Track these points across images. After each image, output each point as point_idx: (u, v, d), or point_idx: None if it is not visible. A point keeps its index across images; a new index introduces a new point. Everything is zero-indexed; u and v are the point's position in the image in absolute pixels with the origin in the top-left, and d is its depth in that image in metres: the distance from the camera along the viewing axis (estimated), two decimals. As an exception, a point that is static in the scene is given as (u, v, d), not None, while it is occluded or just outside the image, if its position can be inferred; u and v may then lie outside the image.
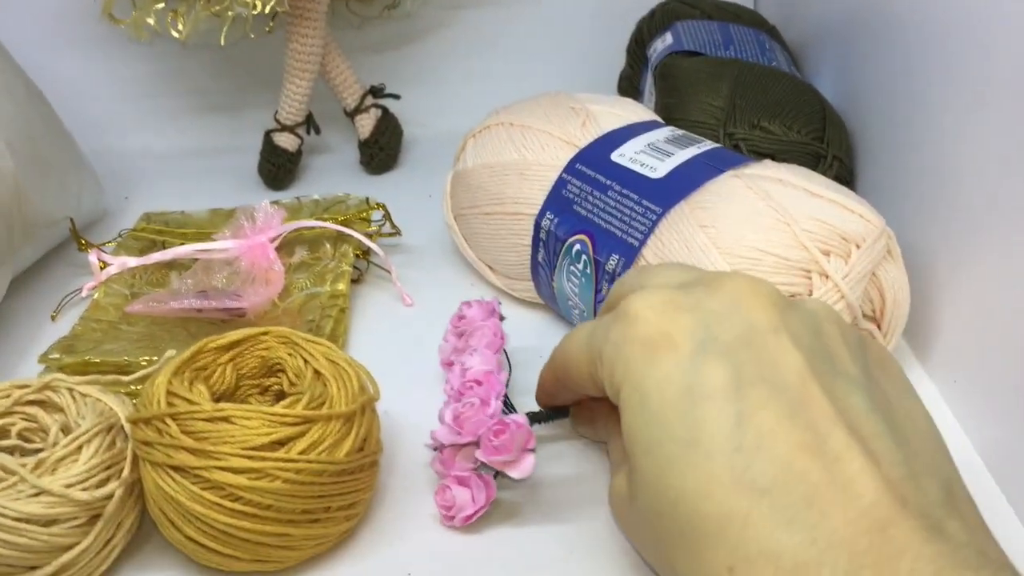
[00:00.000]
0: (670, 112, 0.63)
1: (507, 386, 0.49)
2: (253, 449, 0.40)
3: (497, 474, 0.45)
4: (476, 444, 0.44)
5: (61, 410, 0.45)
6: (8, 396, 0.44)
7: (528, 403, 0.51)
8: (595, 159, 0.54)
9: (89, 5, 0.75)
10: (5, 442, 0.43)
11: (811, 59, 0.73)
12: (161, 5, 0.67)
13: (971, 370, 0.48)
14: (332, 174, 0.79)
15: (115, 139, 0.81)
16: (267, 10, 0.65)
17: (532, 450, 0.44)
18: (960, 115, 0.49)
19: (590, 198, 0.53)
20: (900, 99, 0.56)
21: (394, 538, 0.45)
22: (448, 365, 0.53)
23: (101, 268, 0.60)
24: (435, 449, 0.47)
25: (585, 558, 0.43)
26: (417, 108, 0.82)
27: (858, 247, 0.47)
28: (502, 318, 0.53)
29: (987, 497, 0.44)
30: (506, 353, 0.52)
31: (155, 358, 0.52)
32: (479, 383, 0.46)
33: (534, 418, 0.47)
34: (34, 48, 0.71)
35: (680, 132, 0.56)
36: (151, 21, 0.68)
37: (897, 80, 0.57)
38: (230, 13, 0.66)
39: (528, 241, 0.56)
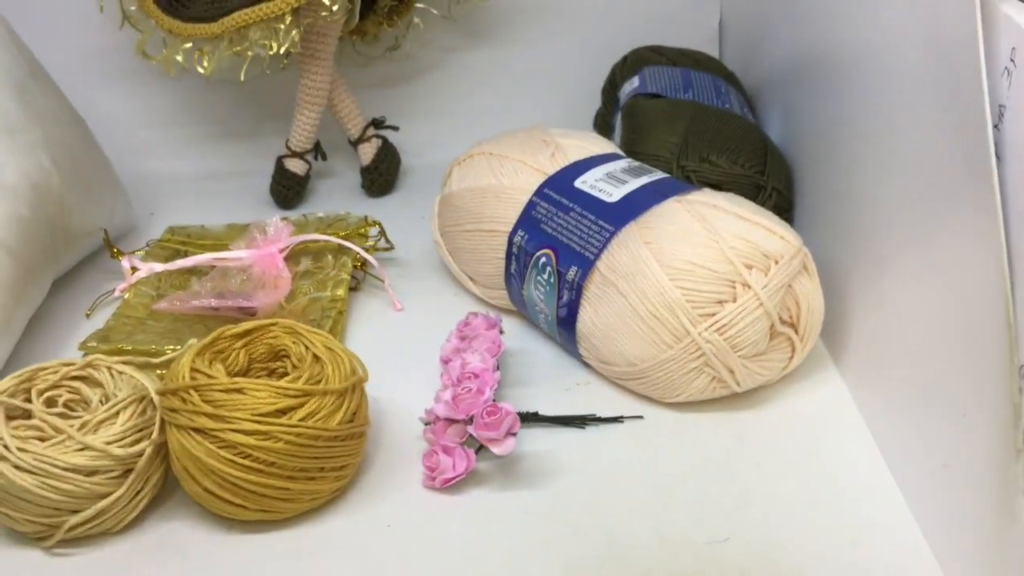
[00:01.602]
0: (632, 146, 0.72)
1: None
2: (261, 415, 0.48)
3: (479, 450, 0.53)
4: (467, 422, 0.53)
5: (101, 385, 0.53)
6: (56, 372, 0.53)
7: (507, 395, 0.59)
8: (561, 185, 0.63)
9: (124, 42, 0.85)
10: (53, 410, 0.52)
11: (764, 103, 0.82)
12: (189, 45, 0.77)
13: (873, 370, 0.56)
14: (336, 196, 0.88)
15: (143, 162, 0.90)
16: (282, 51, 0.74)
17: (514, 434, 0.52)
18: (872, 153, 0.57)
19: (555, 218, 0.62)
20: (832, 139, 0.65)
21: (378, 498, 0.53)
22: (446, 362, 0.61)
23: (132, 272, 0.68)
24: (427, 424, 0.55)
25: (537, 517, 0.51)
26: (414, 139, 0.91)
27: (776, 263, 0.56)
28: (501, 332, 0.62)
29: (881, 486, 0.52)
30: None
31: (178, 347, 0.60)
32: (476, 376, 0.55)
33: (524, 417, 0.55)
34: (74, 79, 0.80)
35: (636, 163, 0.65)
36: (179, 58, 0.77)
37: (830, 122, 0.65)
38: (250, 53, 0.75)
39: (502, 255, 0.65)
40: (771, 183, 0.69)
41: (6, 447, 0.48)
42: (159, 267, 0.69)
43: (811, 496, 0.51)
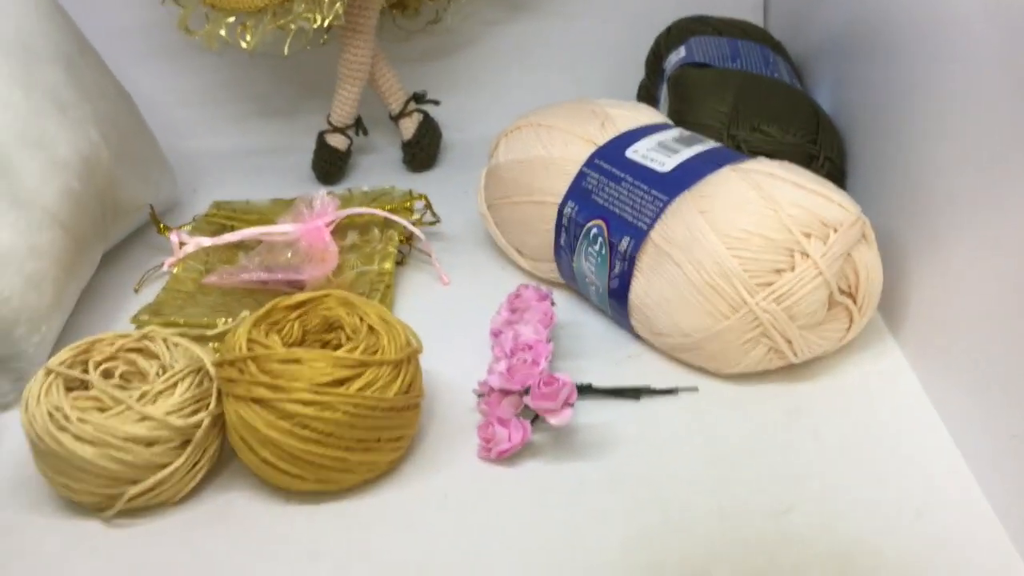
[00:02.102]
0: (681, 116, 0.71)
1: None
2: (319, 386, 0.48)
3: (535, 419, 0.53)
4: (522, 393, 0.52)
5: (157, 357, 0.53)
6: (113, 344, 0.53)
7: (557, 369, 0.59)
8: (611, 155, 0.62)
9: (165, 18, 0.85)
10: (110, 381, 0.52)
11: (813, 72, 0.80)
12: (232, 19, 0.76)
13: (935, 341, 0.55)
14: (377, 171, 0.88)
15: (185, 140, 0.90)
16: (326, 24, 0.74)
17: (571, 405, 0.51)
18: (932, 122, 0.56)
19: (606, 188, 0.61)
20: (886, 107, 0.63)
21: (433, 470, 0.53)
22: (496, 334, 0.60)
23: (180, 247, 0.68)
24: (480, 395, 0.55)
25: (594, 488, 0.51)
26: (455, 114, 0.90)
27: (835, 231, 0.55)
28: (553, 303, 0.61)
29: (946, 458, 0.51)
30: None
31: (230, 320, 0.60)
32: (530, 347, 0.54)
33: (578, 389, 0.54)
34: (116, 57, 0.80)
35: (687, 133, 0.64)
36: (222, 33, 0.77)
37: (884, 90, 0.64)
38: (293, 26, 0.75)
39: (552, 227, 0.64)
40: (823, 152, 0.68)
41: (66, 418, 0.48)
42: (207, 241, 0.69)
43: (873, 468, 0.51)
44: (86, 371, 0.52)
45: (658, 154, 0.61)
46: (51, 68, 0.64)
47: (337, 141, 0.85)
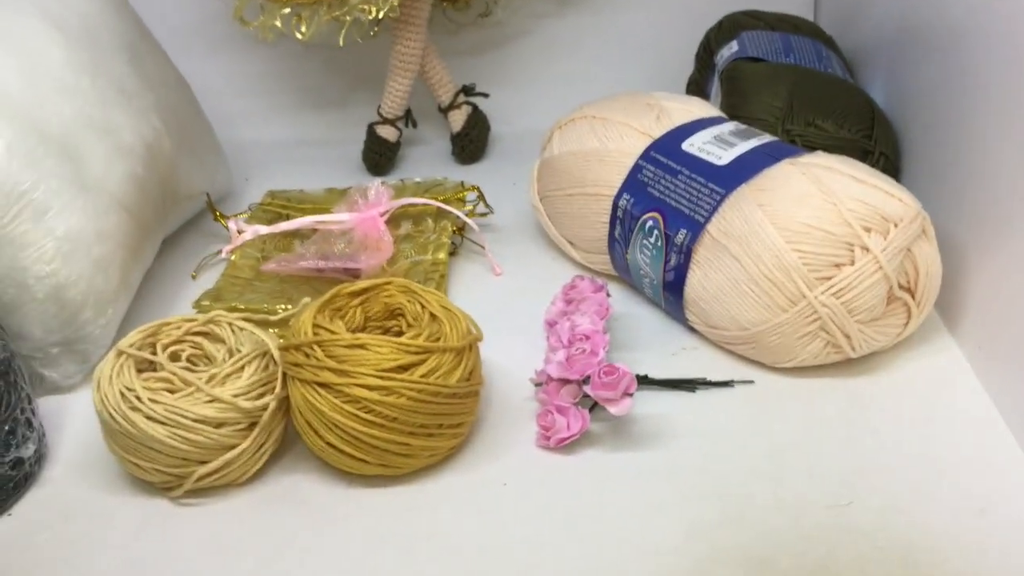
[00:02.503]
0: (734, 110, 0.71)
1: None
2: (384, 371, 0.49)
3: (592, 408, 0.53)
4: (581, 382, 0.53)
5: (222, 341, 0.54)
6: (179, 328, 0.54)
7: (612, 361, 0.59)
8: (667, 148, 0.62)
9: (218, 10, 0.86)
10: (178, 364, 0.53)
11: (865, 66, 0.80)
12: (287, 10, 0.77)
13: (995, 339, 0.55)
14: (426, 163, 0.89)
15: (237, 130, 0.91)
16: (381, 15, 0.75)
17: (631, 395, 0.52)
18: (993, 118, 0.56)
19: (662, 181, 0.61)
20: (943, 103, 0.63)
21: (493, 456, 0.53)
22: (551, 325, 0.61)
23: (238, 235, 0.70)
24: (538, 384, 0.55)
25: (651, 478, 0.51)
26: (504, 107, 0.91)
27: (896, 226, 0.55)
28: (608, 295, 0.62)
29: (1008, 456, 0.51)
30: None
31: (289, 306, 0.61)
32: (588, 337, 0.55)
33: (639, 379, 0.55)
34: (176, 48, 0.81)
35: (743, 126, 0.64)
36: (277, 23, 0.78)
37: (941, 86, 0.64)
38: (348, 18, 0.75)
39: (606, 219, 0.64)
40: (879, 148, 0.68)
41: (138, 398, 0.49)
42: (264, 229, 0.70)
43: (933, 464, 0.51)
44: (154, 353, 0.53)
45: (715, 147, 0.61)
46: (116, 58, 0.65)
47: (387, 132, 0.86)
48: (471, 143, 0.87)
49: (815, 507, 0.49)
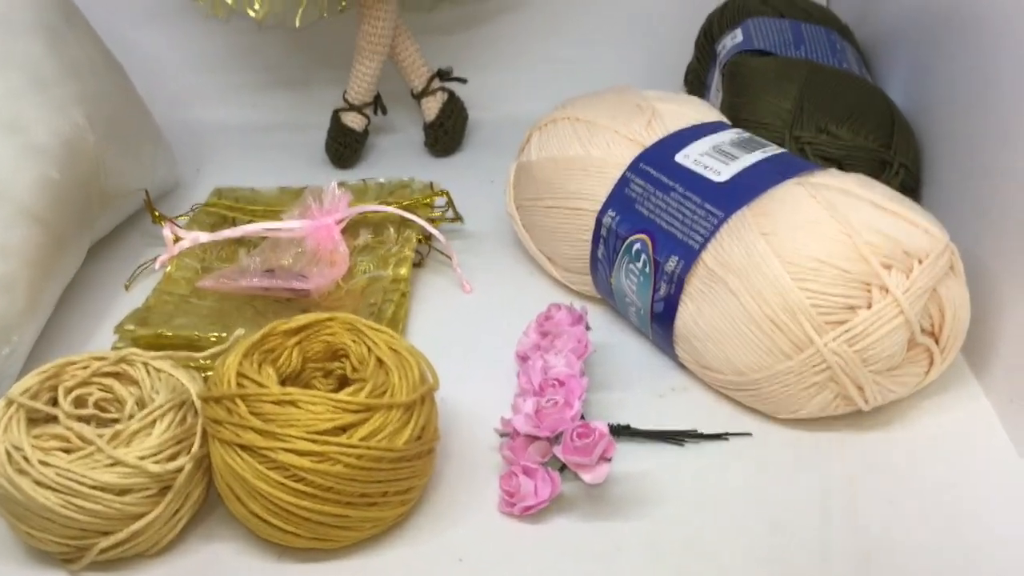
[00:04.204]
0: (736, 112, 0.63)
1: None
2: (317, 433, 0.41)
3: (562, 469, 0.46)
4: (552, 440, 0.45)
5: (136, 383, 0.47)
6: (87, 367, 0.47)
7: (594, 399, 0.52)
8: (659, 159, 0.55)
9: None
10: (83, 411, 0.45)
11: (883, 60, 0.72)
12: (239, -16, 0.69)
13: (1028, 389, 0.48)
14: (397, 155, 0.81)
15: (190, 112, 0.83)
16: (343, -7, 0.66)
17: (608, 460, 0.45)
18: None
19: (652, 198, 0.53)
20: (972, 107, 0.55)
21: (447, 523, 0.46)
22: (524, 359, 0.54)
23: (175, 242, 0.62)
24: (503, 435, 0.48)
25: (634, 553, 0.44)
26: (483, 92, 0.82)
27: (920, 262, 0.47)
28: (588, 328, 0.54)
29: (1036, 519, 0.44)
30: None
31: (224, 334, 0.54)
32: (561, 383, 0.47)
33: (614, 430, 0.47)
34: (115, 21, 0.73)
35: (746, 135, 0.56)
36: (229, 0, 0.70)
37: (969, 84, 0.56)
38: (306, -5, 0.67)
39: (589, 236, 0.57)
40: (899, 159, 0.60)
41: (26, 459, 0.42)
42: (204, 237, 0.62)
43: (957, 543, 0.44)
44: (55, 399, 0.45)
45: (713, 160, 0.53)
46: (31, 40, 0.57)
47: (353, 121, 0.78)
48: (445, 134, 0.79)
49: (819, 600, 0.42)
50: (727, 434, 0.50)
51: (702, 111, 0.59)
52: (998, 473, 0.47)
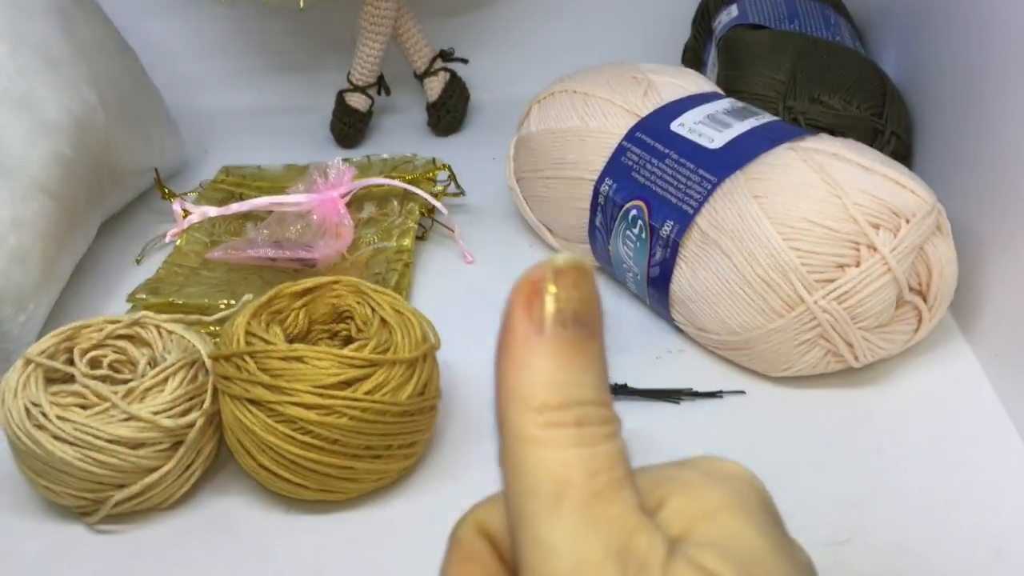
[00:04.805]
0: (731, 84, 0.64)
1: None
2: (323, 387, 0.43)
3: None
4: None
5: (149, 345, 0.48)
6: (101, 330, 0.48)
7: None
8: (655, 128, 0.56)
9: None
10: (97, 371, 0.47)
11: (876, 33, 0.73)
12: (244, -33, 0.70)
13: (1014, 345, 0.49)
14: (400, 134, 0.82)
15: (197, 96, 0.85)
16: (345, -26, 0.68)
17: None
18: (1019, 100, 0.49)
19: (648, 166, 0.55)
20: (962, 78, 0.57)
21: (450, 479, 0.48)
22: None
23: (184, 216, 0.63)
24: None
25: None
26: (484, 73, 0.84)
27: (908, 222, 0.48)
28: None
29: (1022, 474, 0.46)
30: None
31: (233, 302, 0.55)
32: None
33: (612, 389, 0.49)
34: (124, 7, 0.75)
35: (740, 104, 0.58)
36: (234, -17, 0.71)
37: (961, 59, 0.57)
38: (310, -23, 0.68)
39: (587, 205, 0.58)
40: (890, 127, 0.61)
41: (44, 415, 0.43)
42: (213, 211, 0.64)
43: (944, 492, 0.45)
44: (71, 360, 0.47)
45: (707, 128, 0.55)
46: (43, 22, 0.58)
47: (357, 101, 0.79)
48: (448, 113, 0.81)
49: (810, 545, 0.43)
50: (721, 392, 0.52)
51: (697, 82, 0.60)
52: (982, 423, 0.49)
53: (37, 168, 0.54)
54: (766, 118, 0.56)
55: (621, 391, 0.51)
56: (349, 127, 0.79)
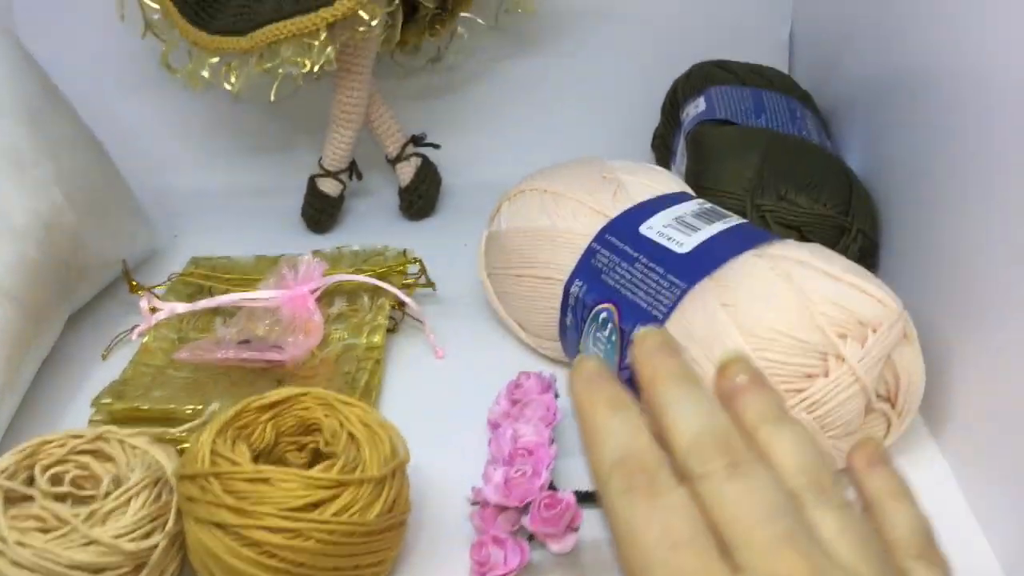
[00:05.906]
0: (699, 179, 0.65)
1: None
2: (290, 510, 0.42)
3: (531, 538, 0.47)
4: (521, 510, 0.46)
5: (112, 460, 0.47)
6: (63, 445, 0.47)
7: (562, 466, 0.53)
8: (624, 230, 0.56)
9: (145, 49, 0.79)
10: (59, 488, 0.46)
11: (842, 126, 0.75)
12: (215, 60, 0.71)
13: (982, 452, 0.50)
14: (372, 219, 0.82)
15: (167, 178, 0.85)
16: (316, 69, 0.68)
17: (576, 529, 0.46)
18: (983, 196, 0.50)
19: (618, 268, 0.55)
20: (926, 174, 0.57)
21: (418, 594, 0.47)
22: (495, 426, 0.55)
23: (151, 312, 0.63)
24: (474, 504, 0.49)
25: (601, 624, 0.45)
26: (456, 156, 0.84)
27: (874, 331, 0.49)
28: (556, 395, 0.55)
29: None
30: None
31: (200, 407, 0.55)
32: (530, 452, 0.49)
33: (581, 497, 0.49)
34: (93, 89, 0.75)
35: (708, 206, 0.58)
36: (205, 74, 0.71)
37: (924, 154, 0.58)
38: (280, 71, 0.69)
39: (557, 305, 0.58)
40: (856, 224, 0.62)
41: (3, 540, 0.42)
42: (181, 307, 0.63)
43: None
44: (31, 478, 0.46)
45: (675, 232, 0.55)
46: (12, 122, 0.58)
47: (329, 187, 0.79)
48: (420, 198, 0.81)
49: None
50: (693, 500, 0.51)
51: (666, 182, 0.61)
52: (953, 529, 0.48)
53: (2, 273, 0.53)
54: (733, 220, 0.56)
55: (590, 499, 0.51)
56: (320, 213, 0.79)
